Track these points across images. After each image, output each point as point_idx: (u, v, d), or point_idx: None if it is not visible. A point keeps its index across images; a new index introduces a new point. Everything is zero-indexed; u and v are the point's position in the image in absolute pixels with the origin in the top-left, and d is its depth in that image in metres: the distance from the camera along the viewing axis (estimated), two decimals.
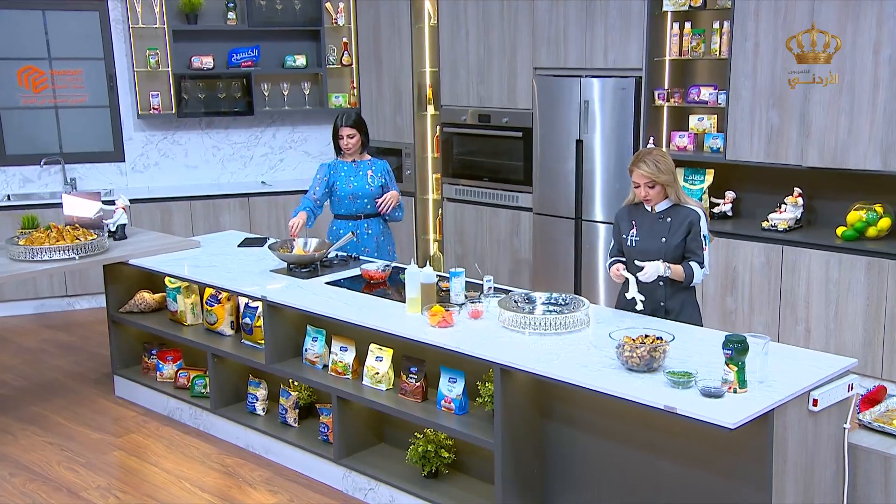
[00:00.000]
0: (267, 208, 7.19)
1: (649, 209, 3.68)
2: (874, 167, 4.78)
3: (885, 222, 4.94)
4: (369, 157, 4.97)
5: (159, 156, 7.46)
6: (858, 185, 5.12)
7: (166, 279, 4.86)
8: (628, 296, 3.58)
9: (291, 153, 7.79)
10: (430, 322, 3.58)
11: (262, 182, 7.56)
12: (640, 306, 3.54)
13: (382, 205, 4.79)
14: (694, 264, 3.61)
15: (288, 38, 7.44)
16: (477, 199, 6.62)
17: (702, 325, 3.71)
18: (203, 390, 4.73)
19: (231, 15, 7.21)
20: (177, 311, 4.86)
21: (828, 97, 4.85)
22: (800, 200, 5.28)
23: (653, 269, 3.53)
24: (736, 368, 2.88)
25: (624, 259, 3.74)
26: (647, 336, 3.16)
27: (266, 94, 7.38)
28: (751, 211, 5.63)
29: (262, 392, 4.46)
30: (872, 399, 3.49)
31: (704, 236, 3.61)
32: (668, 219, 3.63)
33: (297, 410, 4.31)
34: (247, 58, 7.30)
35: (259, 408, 4.47)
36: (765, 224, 5.27)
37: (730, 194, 5.61)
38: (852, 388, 3.13)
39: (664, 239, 3.61)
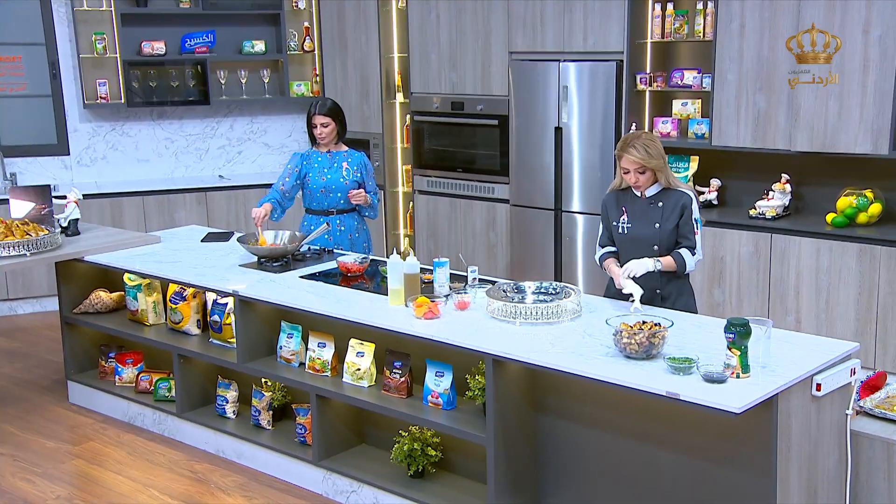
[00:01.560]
0: (226, 203, 7.16)
1: (639, 194, 3.75)
2: (864, 151, 4.92)
3: (875, 208, 5.09)
4: (346, 148, 4.98)
5: (107, 148, 7.39)
6: (847, 171, 5.27)
7: (125, 276, 4.82)
8: (625, 291, 3.64)
9: (250, 145, 7.77)
10: (416, 314, 3.62)
11: (220, 176, 7.53)
12: (636, 303, 3.56)
13: (355, 197, 4.79)
14: (685, 251, 3.69)
15: (246, 22, 7.42)
16: (450, 192, 6.67)
17: (696, 313, 3.79)
18: (167, 394, 4.71)
19: None
20: (137, 310, 4.83)
21: (815, 77, 4.99)
22: (787, 187, 5.42)
23: (639, 267, 3.59)
24: (739, 353, 2.96)
25: (616, 250, 3.81)
26: (644, 322, 3.23)
27: (222, 82, 7.35)
28: (737, 199, 5.76)
29: (232, 394, 4.46)
30: (872, 385, 3.60)
31: (696, 220, 3.69)
32: (660, 203, 3.71)
33: (271, 412, 4.32)
34: (201, 43, 7.26)
35: (229, 410, 4.46)
36: (752, 212, 5.40)
37: (715, 182, 5.73)
38: (854, 372, 3.23)
39: (658, 224, 3.69)
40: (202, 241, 5.15)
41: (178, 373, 4.54)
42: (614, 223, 3.79)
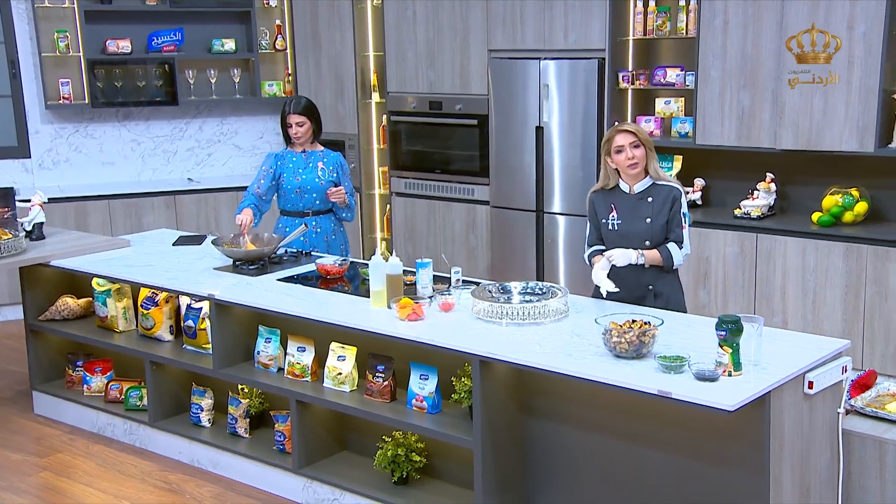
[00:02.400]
0: (196, 207, 7.13)
1: (627, 190, 3.80)
2: (850, 148, 5.01)
3: (861, 206, 5.18)
4: (322, 147, 4.99)
5: (70, 151, 7.33)
6: (832, 169, 5.36)
7: (94, 281, 4.80)
8: (596, 282, 3.69)
9: (220, 147, 7.75)
10: (399, 315, 3.63)
11: (189, 179, 7.50)
12: (605, 293, 3.64)
13: (335, 194, 4.80)
14: (672, 245, 3.75)
15: (215, 20, 7.41)
16: (428, 193, 6.70)
17: (686, 311, 3.84)
18: (139, 403, 4.69)
19: None
20: (107, 316, 4.80)
21: (800, 75, 5.07)
22: (772, 186, 5.50)
23: (622, 257, 3.65)
24: (731, 350, 3.01)
25: (604, 248, 3.85)
26: (633, 321, 3.27)
27: (191, 82, 7.33)
28: (721, 199, 5.83)
29: (207, 401, 4.45)
30: (863, 384, 3.67)
31: (684, 214, 3.77)
32: (650, 199, 3.76)
33: (248, 419, 4.31)
34: (169, 42, 7.24)
35: (204, 419, 4.45)
36: (737, 212, 5.47)
37: (699, 181, 5.80)
38: (846, 370, 3.29)
39: (649, 220, 3.74)
40: (174, 244, 5.13)
41: (151, 380, 4.52)
42: (603, 220, 3.84)
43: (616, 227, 3.80)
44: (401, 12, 6.62)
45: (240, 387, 4.32)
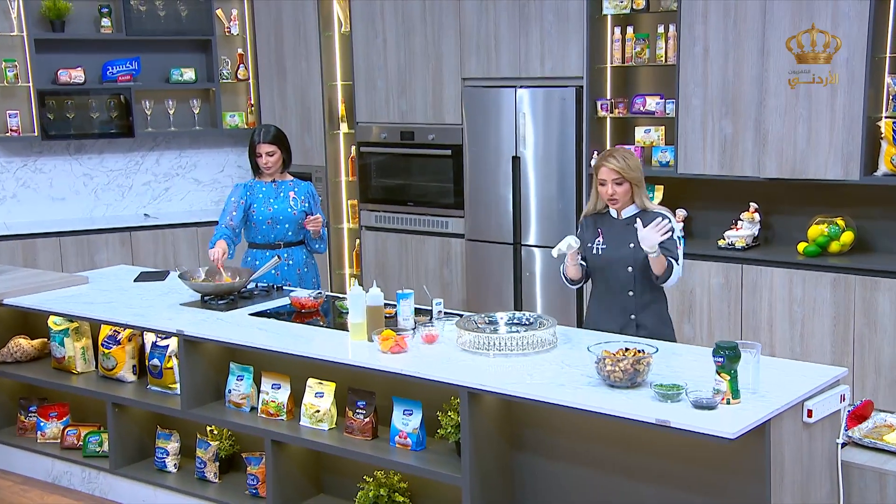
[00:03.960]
0: (153, 244, 7.10)
1: (615, 215, 3.89)
2: (835, 176, 5.15)
3: (847, 236, 5.31)
4: (291, 177, 5.03)
5: (18, 186, 7.28)
6: (817, 198, 5.50)
7: (50, 320, 4.76)
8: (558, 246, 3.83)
9: (179, 181, 7.74)
10: (382, 348, 3.65)
11: (145, 214, 7.48)
12: (555, 252, 3.82)
13: (312, 222, 4.83)
14: (673, 261, 3.84)
15: (173, 48, 7.44)
16: (400, 227, 6.75)
17: (675, 340, 3.92)
18: (98, 449, 4.64)
19: (105, 22, 7.17)
20: (64, 357, 4.75)
21: (783, 103, 5.22)
22: (756, 216, 5.62)
23: (654, 238, 3.69)
24: (728, 377, 3.07)
25: (584, 264, 3.96)
26: (627, 349, 3.33)
27: (148, 113, 7.34)
28: (704, 230, 5.95)
29: (173, 445, 4.41)
30: (859, 415, 3.75)
31: (679, 237, 3.88)
32: (637, 225, 3.85)
33: (218, 463, 4.28)
34: (125, 71, 7.26)
35: (170, 463, 4.41)
36: (721, 242, 5.58)
37: (681, 212, 5.91)
38: (844, 398, 3.37)
39: (632, 244, 3.84)
40: (135, 280, 5.11)
41: (112, 424, 4.48)
42: (588, 245, 3.94)
43: (600, 252, 3.89)
44: (370, 40, 6.71)
45: (208, 428, 4.30)
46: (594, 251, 3.91)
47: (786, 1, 5.13)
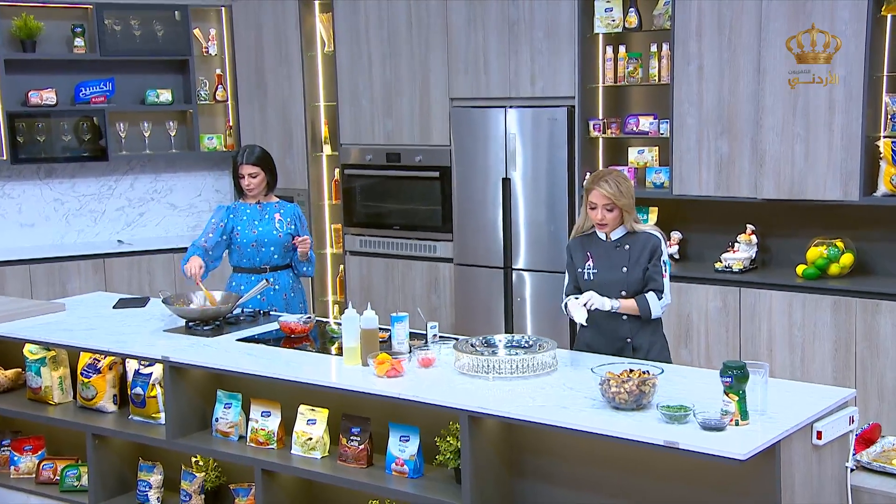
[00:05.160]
0: (127, 271, 7.10)
1: (604, 237, 3.96)
2: (834, 197, 5.25)
3: (847, 258, 5.40)
4: (277, 199, 5.06)
5: None
6: (815, 219, 5.59)
7: (26, 349, 4.74)
8: (573, 315, 3.83)
9: (154, 206, 7.75)
10: (377, 372, 3.68)
11: (119, 241, 7.47)
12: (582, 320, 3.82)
13: (302, 243, 4.86)
14: (651, 295, 3.89)
15: (149, 69, 7.48)
16: (386, 252, 6.79)
17: (671, 363, 3.97)
18: (76, 483, 4.61)
19: (78, 42, 7.20)
20: (40, 387, 4.73)
21: (780, 122, 5.32)
22: (753, 238, 5.71)
23: (598, 300, 3.79)
24: (737, 398, 3.12)
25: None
26: (631, 371, 3.37)
27: (122, 135, 7.36)
28: (699, 252, 6.03)
29: (156, 477, 4.39)
30: (867, 439, 3.80)
31: (664, 262, 3.92)
32: (627, 246, 3.92)
33: (204, 496, 4.27)
34: (98, 92, 7.28)
35: (153, 497, 4.39)
36: (717, 265, 5.66)
37: (676, 234, 5.99)
38: (853, 420, 3.42)
39: (625, 269, 3.90)
40: (114, 307, 5.11)
41: (92, 456, 4.45)
42: (579, 269, 3.98)
43: (591, 277, 3.94)
44: (355, 59, 6.78)
45: (193, 459, 4.29)
46: (585, 276, 3.96)
47: (782, 19, 5.24)
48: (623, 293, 3.91)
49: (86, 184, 7.55)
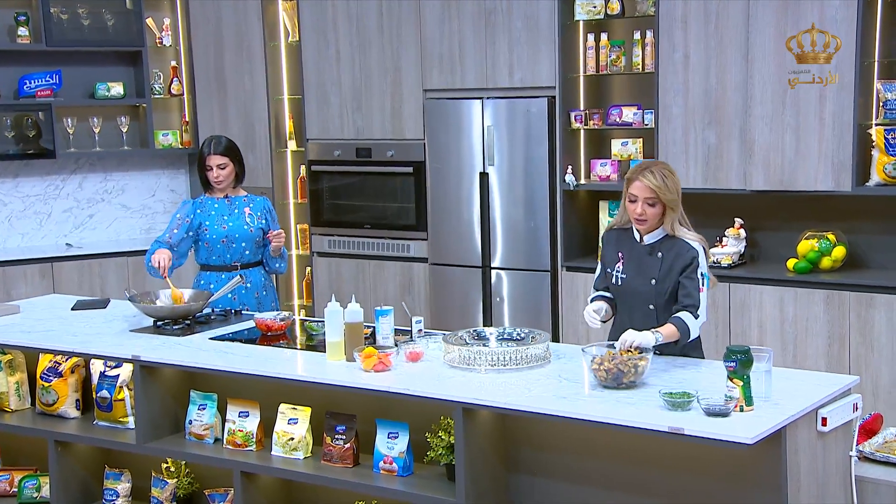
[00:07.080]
0: (77, 275, 7.09)
1: (638, 238, 3.90)
2: (826, 188, 5.42)
3: (839, 251, 5.57)
4: (245, 192, 5.12)
5: None
6: (806, 211, 5.76)
7: None
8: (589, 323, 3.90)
9: (104, 207, 7.74)
10: (364, 367, 3.75)
11: (67, 244, 7.46)
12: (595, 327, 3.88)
13: (276, 237, 4.92)
14: (686, 315, 3.73)
15: (99, 61, 7.49)
16: (356, 252, 6.86)
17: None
18: (35, 494, 4.63)
19: (22, 31, 7.19)
20: None
21: (770, 111, 5.49)
22: (742, 232, 5.86)
23: (640, 339, 3.58)
24: (741, 383, 3.24)
25: (610, 296, 4.00)
26: (630, 350, 3.52)
27: (70, 131, 7.35)
28: None
29: (124, 485, 4.43)
30: (869, 429, 3.95)
31: (703, 274, 3.79)
32: (660, 254, 3.85)
33: (176, 503, 4.31)
34: (44, 86, 7.27)
35: None
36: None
37: None
38: (857, 407, 3.57)
39: (654, 281, 3.83)
40: (73, 309, 5.13)
41: (55, 465, 4.47)
42: (608, 269, 3.97)
43: (620, 283, 3.92)
44: (321, 51, 6.85)
45: (164, 465, 4.33)
46: (614, 279, 3.93)
47: (770, 3, 5.41)
48: (651, 307, 3.85)
49: (30, 183, 7.53)
